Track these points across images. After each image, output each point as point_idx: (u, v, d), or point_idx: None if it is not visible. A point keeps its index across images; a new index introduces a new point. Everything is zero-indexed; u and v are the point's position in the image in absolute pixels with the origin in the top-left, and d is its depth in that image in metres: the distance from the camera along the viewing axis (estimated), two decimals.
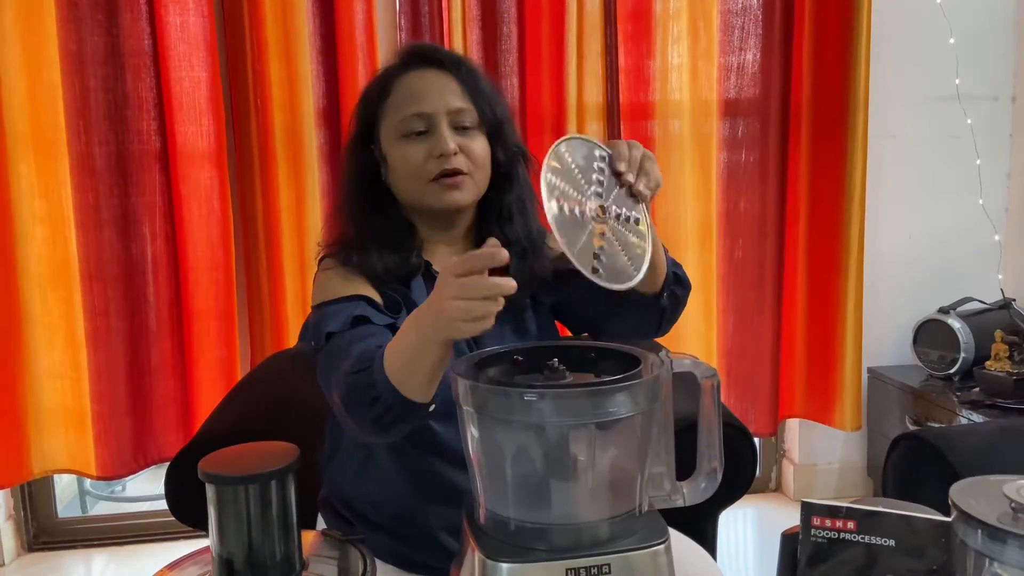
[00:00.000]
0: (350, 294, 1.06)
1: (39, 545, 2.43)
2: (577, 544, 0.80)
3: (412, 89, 1.11)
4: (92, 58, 2.09)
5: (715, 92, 2.34)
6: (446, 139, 1.08)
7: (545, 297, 1.19)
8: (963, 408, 2.14)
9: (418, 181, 1.10)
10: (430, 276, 1.14)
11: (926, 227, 2.51)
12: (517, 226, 1.15)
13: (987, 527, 0.70)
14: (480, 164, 1.11)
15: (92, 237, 2.16)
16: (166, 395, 2.24)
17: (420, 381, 0.87)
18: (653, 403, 0.83)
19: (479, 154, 1.11)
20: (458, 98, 1.10)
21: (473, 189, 1.11)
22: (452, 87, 1.11)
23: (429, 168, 1.08)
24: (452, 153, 1.07)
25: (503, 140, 1.15)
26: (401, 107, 1.10)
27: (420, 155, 1.09)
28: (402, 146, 1.10)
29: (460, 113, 1.10)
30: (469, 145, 1.10)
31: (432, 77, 1.11)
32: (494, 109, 1.13)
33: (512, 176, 1.17)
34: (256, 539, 0.81)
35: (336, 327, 1.02)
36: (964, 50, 2.42)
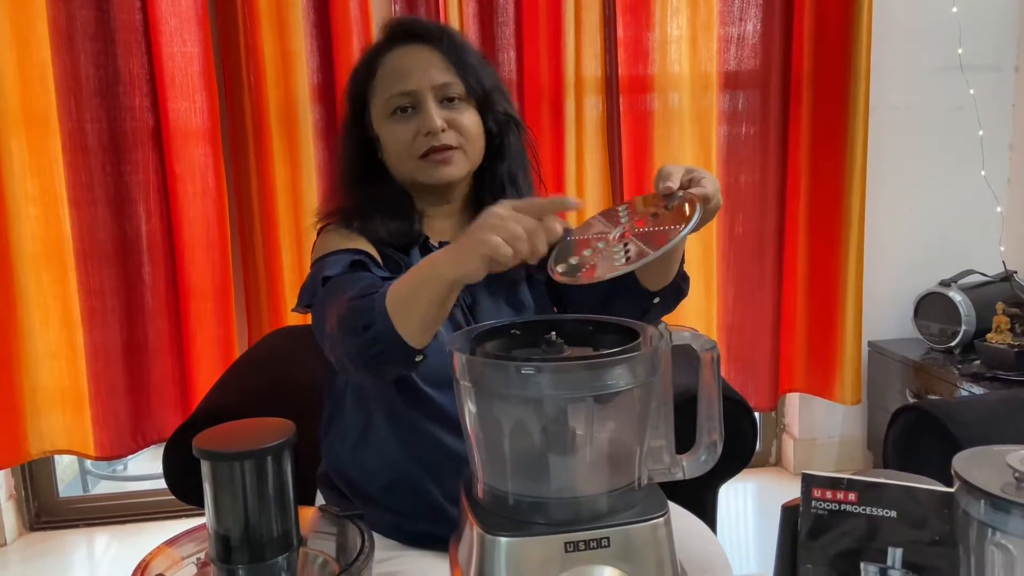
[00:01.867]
0: (349, 247, 1.06)
1: (40, 524, 2.44)
2: (576, 518, 0.79)
3: (396, 67, 1.10)
4: (82, 33, 2.07)
5: (715, 64, 2.31)
6: (432, 116, 1.07)
7: (539, 273, 1.19)
8: (964, 381, 2.13)
9: (408, 159, 1.10)
10: (427, 249, 1.14)
11: (928, 199, 2.49)
12: (509, 196, 1.13)
13: (990, 497, 0.70)
14: (471, 136, 1.11)
15: (85, 216, 2.14)
16: (164, 374, 2.24)
17: (416, 318, 0.87)
18: (652, 376, 0.81)
19: (469, 126, 1.10)
20: (442, 72, 1.09)
21: (465, 162, 1.11)
22: (436, 61, 1.10)
23: (417, 146, 1.08)
24: (440, 130, 1.07)
25: (492, 110, 1.14)
26: (387, 86, 1.10)
27: (408, 134, 1.09)
28: (391, 125, 1.10)
29: (445, 87, 1.09)
30: (457, 118, 1.09)
31: (415, 53, 1.10)
32: (480, 79, 1.12)
33: (503, 146, 1.16)
34: (252, 515, 0.80)
35: (332, 272, 1.01)
36: (967, 20, 2.39)
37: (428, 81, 1.08)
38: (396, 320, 0.87)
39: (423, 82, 1.08)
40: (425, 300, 0.86)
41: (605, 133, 2.27)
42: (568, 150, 2.21)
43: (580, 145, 2.23)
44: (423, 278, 0.86)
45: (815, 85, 2.32)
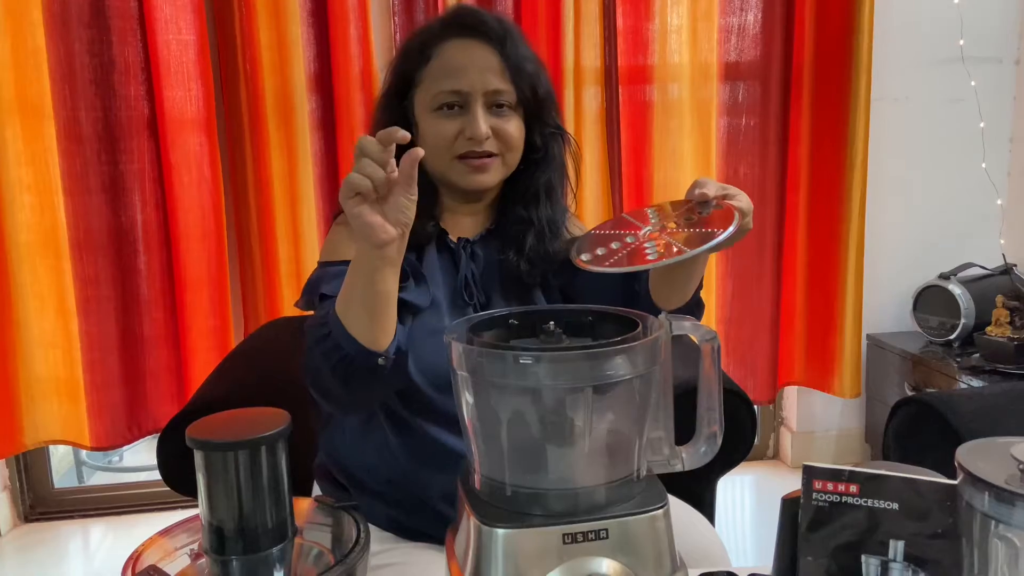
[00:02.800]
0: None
1: (35, 515, 2.44)
2: (574, 509, 0.78)
3: (452, 62, 1.07)
4: (77, 20, 2.04)
5: (715, 55, 2.30)
6: (479, 122, 1.05)
7: (554, 279, 1.17)
8: (963, 374, 2.13)
9: (445, 156, 1.07)
10: (445, 246, 1.13)
11: (928, 192, 2.49)
12: (543, 207, 1.13)
13: (995, 489, 0.69)
14: (512, 146, 1.08)
15: (80, 205, 2.12)
16: (159, 365, 2.23)
17: (359, 311, 0.89)
18: (651, 366, 0.80)
19: (512, 136, 1.08)
20: (498, 78, 1.06)
21: (501, 170, 1.09)
22: (493, 64, 1.06)
23: (458, 146, 1.06)
24: (484, 138, 1.05)
25: (541, 120, 1.12)
26: (438, 79, 1.07)
27: (451, 131, 1.06)
28: (434, 119, 1.07)
29: (497, 94, 1.06)
30: (503, 127, 1.07)
31: (474, 51, 1.07)
32: (535, 88, 1.09)
33: (546, 157, 1.14)
34: (246, 506, 0.79)
35: (330, 291, 1.01)
36: (968, 12, 2.38)
37: (482, 85, 1.05)
38: (345, 320, 0.90)
39: (476, 85, 1.05)
40: (359, 287, 0.88)
41: (604, 124, 2.26)
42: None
43: (579, 136, 2.22)
44: (351, 269, 0.89)
45: (816, 76, 2.31)
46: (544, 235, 1.12)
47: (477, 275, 1.12)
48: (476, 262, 1.13)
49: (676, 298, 1.06)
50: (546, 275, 1.16)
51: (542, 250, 1.11)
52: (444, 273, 1.12)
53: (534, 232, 1.11)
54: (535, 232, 1.11)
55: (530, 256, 1.11)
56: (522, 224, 1.12)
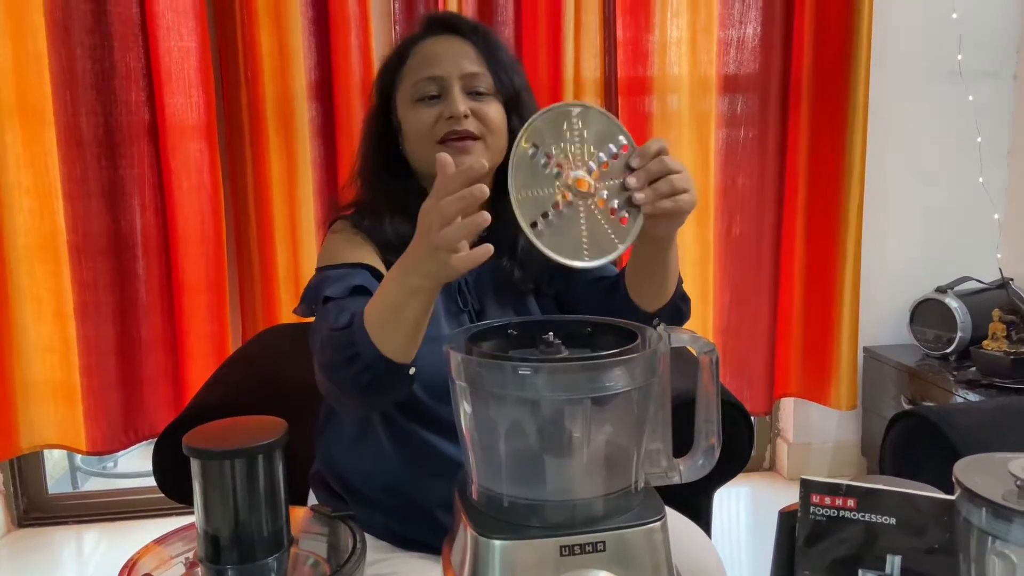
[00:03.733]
0: (354, 261, 1.05)
1: (29, 521, 2.42)
2: (571, 521, 0.78)
3: (427, 54, 1.10)
4: (79, 26, 2.05)
5: (714, 67, 2.30)
6: (456, 100, 1.06)
7: (547, 287, 1.17)
8: (959, 388, 2.13)
9: (427, 143, 1.08)
10: None
11: (925, 205, 2.49)
12: None
13: (992, 505, 0.69)
14: (494, 129, 1.09)
15: (80, 209, 2.12)
16: (157, 370, 2.22)
17: (402, 336, 0.87)
18: (650, 378, 0.81)
19: (493, 119, 1.09)
20: (473, 63, 1.09)
21: (485, 154, 1.08)
22: (468, 52, 1.09)
23: (438, 129, 1.07)
24: (462, 115, 1.06)
25: (520, 110, 1.12)
26: (415, 72, 1.09)
27: (431, 117, 1.07)
28: (415, 110, 1.09)
29: (474, 78, 1.08)
30: (483, 109, 1.08)
31: (448, 43, 1.10)
32: (511, 77, 1.11)
33: None
34: (242, 515, 0.79)
35: (334, 293, 1.00)
36: (966, 26, 2.39)
37: (457, 69, 1.07)
38: (380, 343, 0.87)
39: (452, 69, 1.07)
40: (409, 317, 0.86)
41: None
42: None
43: None
44: (400, 295, 0.86)
45: (814, 89, 2.31)
46: None
47: (471, 282, 1.13)
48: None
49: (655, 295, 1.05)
50: (539, 282, 1.16)
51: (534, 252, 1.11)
52: None
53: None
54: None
55: (522, 259, 1.12)
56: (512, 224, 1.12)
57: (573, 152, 0.88)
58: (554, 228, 0.86)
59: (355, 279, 1.02)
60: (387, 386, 0.91)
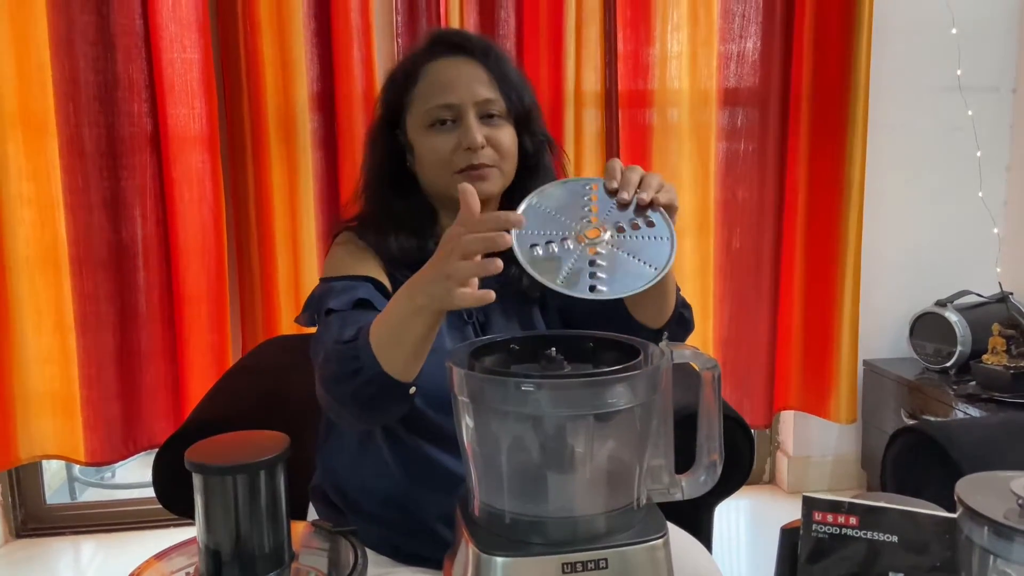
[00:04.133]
0: (359, 274, 1.06)
1: (27, 531, 2.41)
2: (573, 538, 0.78)
3: (440, 78, 1.09)
4: (82, 38, 2.06)
5: (714, 80, 2.31)
6: (473, 132, 1.06)
7: (553, 300, 1.18)
8: (959, 402, 2.13)
9: (445, 172, 1.09)
10: None
11: (925, 219, 2.50)
12: None
13: (994, 524, 0.69)
14: (507, 155, 1.10)
15: (81, 220, 2.13)
16: (156, 380, 2.22)
17: (404, 354, 0.87)
18: (653, 394, 0.81)
19: (506, 145, 1.10)
20: (486, 88, 1.09)
21: (500, 180, 1.10)
22: (480, 76, 1.09)
23: (456, 160, 1.07)
24: (479, 147, 1.06)
25: (530, 129, 1.14)
26: (428, 97, 1.09)
27: (447, 146, 1.08)
28: (429, 136, 1.09)
29: (488, 103, 1.09)
30: (496, 136, 1.09)
31: (460, 66, 1.10)
32: (522, 98, 1.12)
33: (539, 165, 1.16)
34: (244, 530, 0.79)
35: (338, 305, 1.01)
36: (965, 41, 2.40)
37: (471, 96, 1.08)
38: (384, 360, 0.88)
39: (466, 96, 1.08)
40: (412, 336, 0.87)
41: (604, 146, 2.27)
42: (567, 163, 2.20)
43: (579, 158, 2.23)
44: (406, 314, 0.86)
45: (814, 103, 2.32)
46: None
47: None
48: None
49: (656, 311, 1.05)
50: (546, 293, 1.16)
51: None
52: None
53: None
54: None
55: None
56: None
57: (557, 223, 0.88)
58: (607, 271, 0.85)
59: (359, 292, 1.02)
60: (387, 403, 0.92)
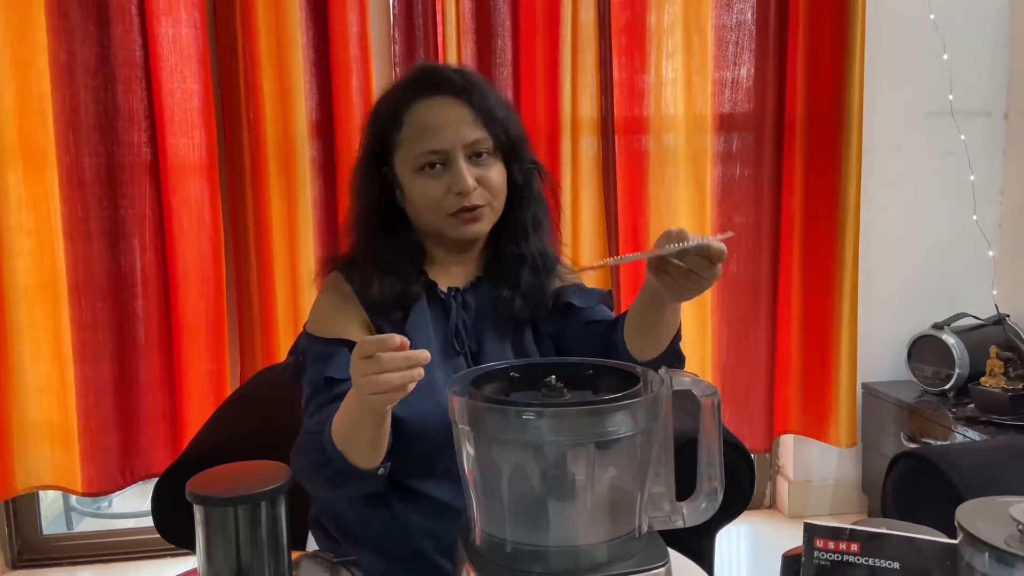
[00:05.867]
0: (335, 337, 1.08)
1: (23, 562, 2.39)
2: (575, 567, 0.78)
3: (426, 122, 1.09)
4: (83, 69, 2.07)
5: (709, 106, 2.33)
6: (464, 177, 1.07)
7: (545, 326, 1.18)
8: (958, 424, 2.13)
9: (437, 215, 1.10)
10: (436, 297, 1.14)
11: (920, 242, 2.51)
12: (532, 242, 1.16)
13: (994, 550, 0.69)
14: (497, 192, 1.11)
15: (80, 249, 2.13)
16: (154, 410, 2.21)
17: (362, 449, 0.95)
18: (653, 422, 0.81)
19: (496, 183, 1.11)
20: (472, 128, 1.09)
21: (491, 217, 1.12)
22: (466, 117, 1.09)
23: (448, 204, 1.08)
24: (471, 190, 1.07)
25: (519, 158, 1.14)
26: (416, 142, 1.09)
27: (439, 191, 1.08)
28: (419, 180, 1.09)
29: (475, 144, 1.09)
30: (486, 176, 1.09)
31: (445, 108, 1.09)
32: (508, 131, 1.12)
33: (529, 193, 1.17)
34: (245, 561, 0.79)
35: (312, 376, 1.07)
36: (957, 66, 2.43)
37: (460, 139, 1.08)
38: (348, 453, 0.95)
39: (455, 140, 1.07)
40: (364, 433, 0.94)
41: (601, 173, 2.29)
42: (564, 189, 2.22)
43: (576, 184, 2.25)
44: (355, 417, 0.93)
45: (808, 128, 2.34)
46: (537, 268, 1.15)
47: (468, 323, 1.13)
48: (467, 310, 1.14)
49: (650, 348, 1.07)
50: (537, 313, 1.16)
51: (537, 283, 1.14)
52: (435, 324, 1.13)
53: (528, 266, 1.14)
54: (528, 266, 1.14)
55: (524, 291, 1.14)
56: (515, 259, 1.15)
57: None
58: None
59: (330, 366, 1.05)
60: (357, 486, 0.99)
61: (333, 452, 0.95)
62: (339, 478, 0.97)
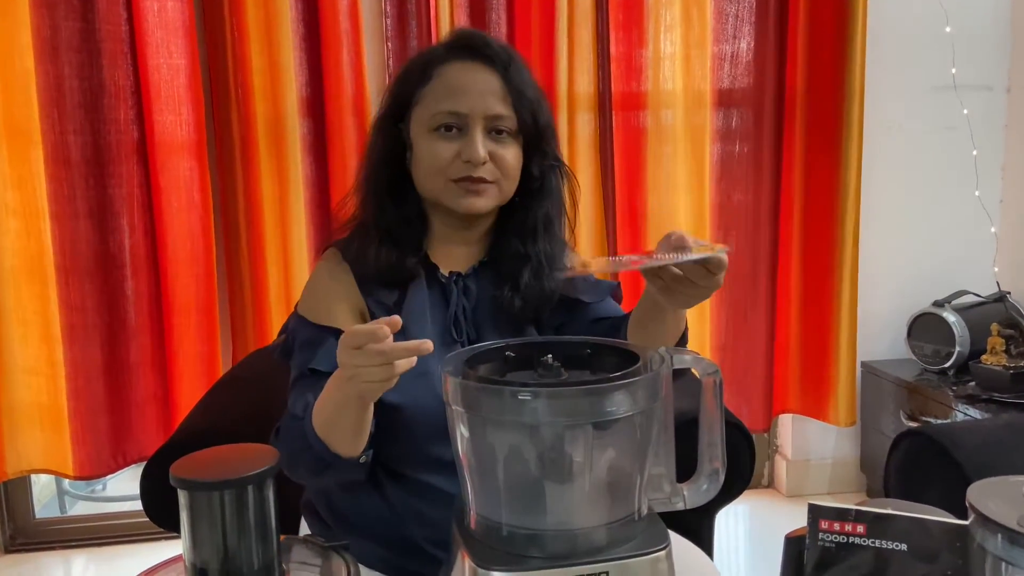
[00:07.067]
0: (323, 323, 1.06)
1: (16, 546, 2.37)
2: (573, 551, 0.75)
3: (453, 83, 1.04)
4: (66, 44, 2.02)
5: (708, 82, 2.30)
6: (477, 147, 1.02)
7: (550, 319, 1.14)
8: (959, 403, 2.11)
9: (440, 179, 1.05)
10: (436, 280, 1.10)
11: (921, 219, 2.48)
12: (541, 241, 1.11)
13: (1007, 531, 0.66)
14: (508, 174, 1.06)
15: (67, 230, 2.09)
16: (145, 392, 2.18)
17: (344, 437, 0.94)
18: (653, 402, 0.78)
19: (509, 164, 1.06)
20: (499, 102, 1.04)
21: (496, 197, 1.06)
22: (495, 88, 1.04)
23: (454, 169, 1.04)
24: (481, 162, 1.03)
25: (540, 150, 1.09)
26: (438, 99, 1.04)
27: (448, 153, 1.03)
28: (431, 139, 1.05)
29: (498, 119, 1.04)
30: (501, 153, 1.04)
31: (477, 73, 1.05)
32: (536, 117, 1.07)
33: (545, 189, 1.12)
34: (232, 547, 0.76)
35: (298, 364, 1.05)
36: (960, 40, 2.39)
37: (483, 108, 1.03)
38: (329, 441, 0.94)
39: (477, 107, 1.03)
40: (346, 421, 0.93)
41: (598, 150, 2.25)
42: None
43: (573, 162, 2.21)
44: (336, 403, 0.92)
45: (809, 103, 2.31)
46: (541, 271, 1.09)
47: (468, 311, 1.10)
48: (468, 297, 1.10)
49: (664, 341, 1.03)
50: (540, 313, 1.12)
51: (538, 287, 1.08)
52: (433, 309, 1.09)
53: (530, 268, 1.09)
54: (531, 268, 1.08)
55: (525, 293, 1.08)
56: (518, 259, 1.09)
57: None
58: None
59: (316, 356, 1.03)
60: (338, 472, 0.97)
61: (314, 439, 0.94)
62: (320, 465, 0.95)
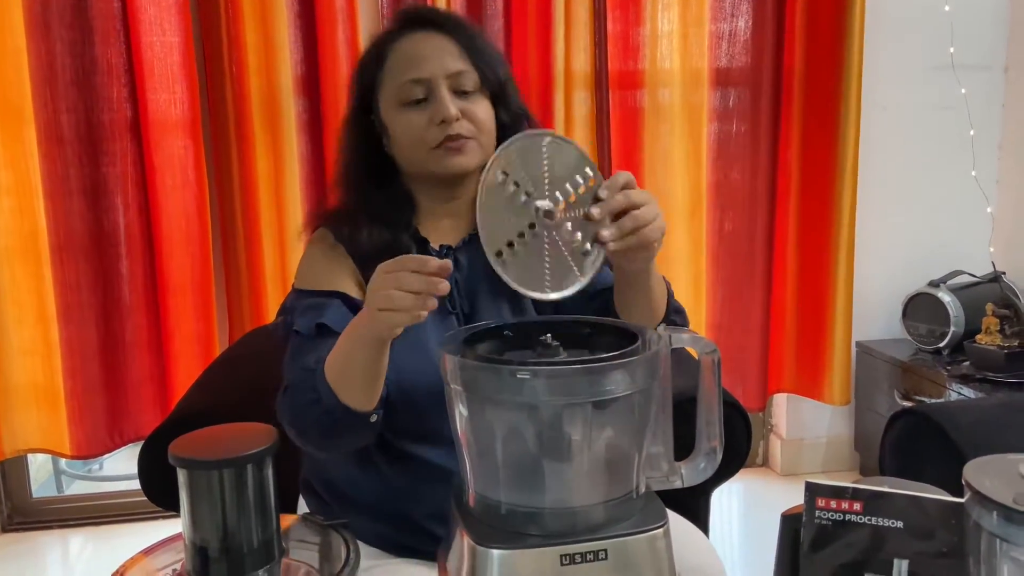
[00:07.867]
0: (326, 289, 1.04)
1: (13, 526, 2.38)
2: (571, 529, 0.76)
3: (408, 53, 1.05)
4: (58, 21, 2.01)
5: (706, 60, 2.28)
6: (447, 104, 1.02)
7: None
8: (953, 382, 2.12)
9: (421, 149, 1.05)
10: (426, 254, 1.10)
11: (918, 199, 2.48)
12: None
13: (1003, 508, 0.67)
14: (484, 128, 1.06)
15: (61, 208, 2.08)
16: (142, 372, 2.18)
17: (356, 385, 0.91)
18: (651, 380, 0.79)
19: (483, 118, 1.06)
20: (457, 60, 1.05)
21: (479, 153, 1.06)
22: (450, 48, 1.05)
23: (431, 136, 1.04)
24: (454, 119, 1.02)
25: (506, 102, 1.10)
26: (398, 73, 1.05)
27: (421, 122, 1.04)
28: (402, 114, 1.05)
29: (460, 76, 1.04)
30: (472, 109, 1.05)
31: (429, 39, 1.06)
32: (496, 70, 1.08)
33: None
34: (231, 525, 0.77)
35: (302, 326, 1.02)
36: (958, 19, 2.38)
37: (442, 69, 1.04)
38: (340, 391, 0.91)
39: (437, 69, 1.04)
40: (359, 364, 0.90)
41: (595, 128, 2.24)
42: None
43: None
44: (350, 345, 0.90)
45: (806, 83, 2.30)
46: None
47: (461, 283, 1.10)
48: (459, 269, 1.10)
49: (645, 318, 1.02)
50: None
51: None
52: None
53: None
54: None
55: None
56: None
57: (542, 181, 0.88)
58: (519, 258, 0.87)
59: (323, 314, 1.01)
60: (348, 431, 0.94)
61: (325, 391, 0.91)
62: (329, 420, 0.92)
